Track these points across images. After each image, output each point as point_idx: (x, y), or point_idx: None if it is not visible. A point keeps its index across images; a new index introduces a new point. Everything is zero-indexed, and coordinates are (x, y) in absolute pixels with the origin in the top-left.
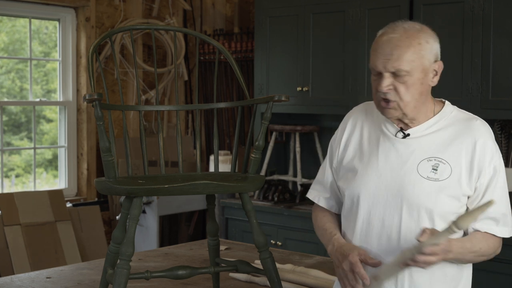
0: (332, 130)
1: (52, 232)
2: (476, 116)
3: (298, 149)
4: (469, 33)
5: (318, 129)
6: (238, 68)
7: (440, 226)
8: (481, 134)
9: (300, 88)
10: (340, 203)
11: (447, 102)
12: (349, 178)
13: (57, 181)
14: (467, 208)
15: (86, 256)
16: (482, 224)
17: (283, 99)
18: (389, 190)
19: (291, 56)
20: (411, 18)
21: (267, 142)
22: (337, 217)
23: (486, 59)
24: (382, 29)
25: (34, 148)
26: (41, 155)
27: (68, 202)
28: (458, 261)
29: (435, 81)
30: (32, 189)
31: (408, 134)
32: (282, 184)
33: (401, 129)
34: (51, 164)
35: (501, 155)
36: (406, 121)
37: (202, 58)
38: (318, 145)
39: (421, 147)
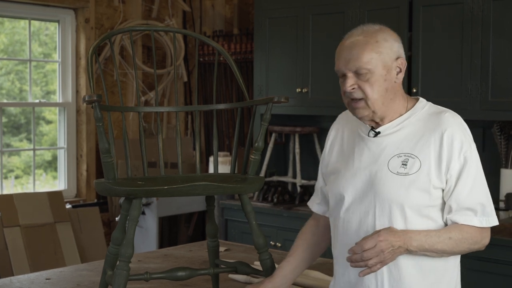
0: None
1: (52, 234)
2: (446, 109)
3: (297, 150)
4: (468, 34)
5: (317, 130)
6: (237, 70)
7: (412, 219)
8: (449, 125)
9: (299, 89)
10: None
11: (420, 99)
12: (331, 181)
13: (56, 182)
14: (444, 202)
15: (85, 258)
16: (459, 216)
17: (282, 100)
18: (363, 188)
19: (291, 57)
20: (410, 19)
21: (266, 143)
22: (327, 224)
23: (486, 60)
24: (345, 35)
25: (34, 150)
26: (40, 156)
27: (68, 204)
28: (428, 252)
29: (399, 77)
30: (32, 191)
31: (379, 132)
32: (281, 185)
33: (372, 128)
34: (51, 165)
35: (473, 145)
36: (377, 120)
37: (201, 59)
38: (317, 146)
39: (391, 143)
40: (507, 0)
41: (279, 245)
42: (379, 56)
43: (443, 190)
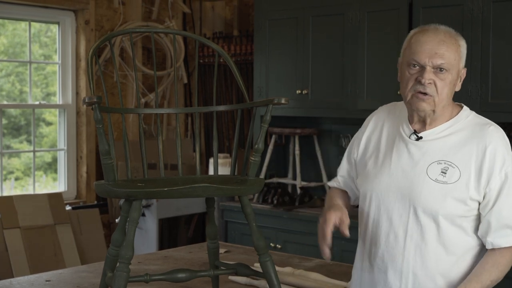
0: (331, 132)
1: (52, 235)
2: (491, 122)
3: (297, 152)
4: (468, 36)
5: (317, 132)
6: (237, 71)
7: (445, 227)
8: (493, 139)
9: (299, 91)
10: (353, 193)
11: (465, 107)
12: (364, 175)
13: (56, 184)
14: (480, 214)
15: (85, 259)
16: (499, 237)
17: (282, 102)
18: (399, 190)
19: (291, 59)
20: (410, 21)
21: (266, 145)
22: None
23: (486, 62)
24: (418, 28)
25: (34, 151)
26: (40, 158)
27: (68, 205)
28: None
29: (459, 86)
30: (32, 192)
31: (421, 137)
32: (281, 187)
33: (415, 132)
34: (51, 167)
35: None
36: (428, 120)
37: (201, 61)
38: (317, 148)
39: (432, 149)
40: (507, 2)
41: (279, 246)
42: (458, 60)
43: (479, 203)
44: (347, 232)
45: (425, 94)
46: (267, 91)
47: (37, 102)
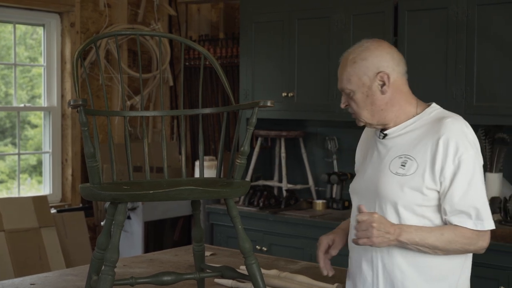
0: (317, 135)
1: (37, 238)
2: (453, 115)
3: (283, 154)
4: (453, 39)
5: (303, 134)
6: (223, 74)
7: (405, 217)
8: (446, 130)
9: (285, 94)
10: None
11: (433, 105)
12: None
13: (41, 187)
14: (440, 204)
15: (70, 262)
16: (453, 217)
17: (268, 104)
18: (369, 187)
19: (276, 61)
20: (395, 24)
21: (252, 148)
22: None
23: (470, 65)
24: None
25: (19, 154)
26: (25, 160)
27: (53, 208)
28: (420, 246)
29: (385, 90)
30: (17, 195)
31: (386, 135)
32: (267, 189)
33: (381, 130)
34: (36, 170)
35: (472, 150)
36: (378, 127)
37: (187, 63)
38: (303, 151)
39: (395, 145)
40: (491, 5)
41: (265, 249)
42: (356, 76)
43: (438, 192)
44: (333, 253)
45: (353, 113)
46: (253, 94)
47: (22, 105)
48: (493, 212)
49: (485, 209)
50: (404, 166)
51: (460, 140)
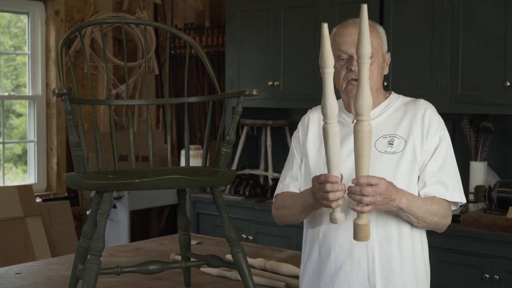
0: None
1: (22, 228)
2: (418, 99)
3: (269, 143)
4: (438, 28)
5: (289, 123)
6: (209, 62)
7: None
8: (427, 107)
9: (271, 83)
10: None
11: (393, 92)
12: (320, 169)
13: (26, 176)
14: (418, 177)
15: (56, 252)
16: (432, 189)
17: (254, 93)
18: (352, 170)
19: (262, 50)
20: (381, 12)
21: (238, 137)
22: None
23: (455, 54)
24: (338, 25)
25: (3, 143)
26: (10, 150)
27: (38, 197)
28: (411, 214)
29: (386, 70)
30: (1, 184)
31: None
32: (253, 178)
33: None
34: (21, 159)
35: (446, 130)
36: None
37: (173, 52)
38: (289, 139)
39: (375, 127)
40: None
41: (251, 238)
42: (382, 45)
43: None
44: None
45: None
46: (238, 83)
47: (6, 94)
48: (478, 200)
49: (460, 185)
50: (392, 144)
51: (439, 118)
